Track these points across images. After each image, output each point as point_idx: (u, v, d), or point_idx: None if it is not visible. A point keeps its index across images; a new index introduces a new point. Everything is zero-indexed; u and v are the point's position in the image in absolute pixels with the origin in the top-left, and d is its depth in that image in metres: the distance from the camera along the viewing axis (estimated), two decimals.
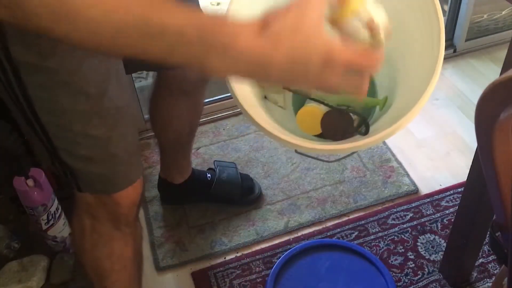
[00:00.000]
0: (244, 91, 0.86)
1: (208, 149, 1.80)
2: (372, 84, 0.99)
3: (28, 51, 0.75)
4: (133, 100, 1.76)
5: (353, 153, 1.65)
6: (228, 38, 0.54)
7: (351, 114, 0.91)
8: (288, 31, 0.54)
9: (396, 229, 1.52)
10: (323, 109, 0.93)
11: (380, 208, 1.58)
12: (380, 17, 0.67)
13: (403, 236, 1.50)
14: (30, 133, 0.87)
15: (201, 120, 1.88)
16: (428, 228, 1.51)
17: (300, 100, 0.97)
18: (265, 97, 0.97)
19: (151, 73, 1.86)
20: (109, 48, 0.56)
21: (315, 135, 0.92)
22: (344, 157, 1.69)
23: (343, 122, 0.90)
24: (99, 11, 0.52)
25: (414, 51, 0.89)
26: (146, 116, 1.75)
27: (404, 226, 1.52)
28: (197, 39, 0.53)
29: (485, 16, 2.13)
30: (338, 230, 1.52)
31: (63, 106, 0.81)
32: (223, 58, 0.54)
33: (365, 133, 0.90)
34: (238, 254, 1.48)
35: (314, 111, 0.92)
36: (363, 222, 1.54)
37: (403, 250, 1.46)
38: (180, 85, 1.29)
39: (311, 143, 0.81)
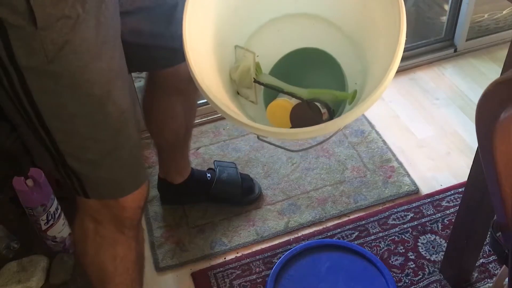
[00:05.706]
0: (217, 88, 0.87)
1: (208, 149, 1.80)
2: (342, 78, 0.99)
3: (33, 55, 0.74)
4: (134, 100, 1.76)
5: (319, 143, 1.62)
6: None
7: (319, 107, 0.91)
8: None
9: (397, 229, 1.51)
10: (293, 102, 0.92)
11: (380, 208, 1.58)
12: None
13: (403, 236, 1.49)
14: (32, 140, 0.86)
15: (201, 120, 1.89)
16: (429, 228, 1.51)
17: (271, 95, 0.96)
18: (238, 93, 0.97)
19: None
20: None
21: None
22: (307, 148, 1.68)
23: (311, 115, 0.89)
24: None
25: (380, 43, 0.88)
26: None
27: (405, 226, 1.52)
28: None
29: (485, 15, 2.13)
30: (339, 230, 1.52)
31: (70, 110, 0.81)
32: None
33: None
34: (238, 254, 1.48)
35: (284, 104, 0.91)
36: (363, 222, 1.53)
37: (403, 251, 1.46)
38: (173, 84, 1.28)
39: (268, 128, 0.82)
